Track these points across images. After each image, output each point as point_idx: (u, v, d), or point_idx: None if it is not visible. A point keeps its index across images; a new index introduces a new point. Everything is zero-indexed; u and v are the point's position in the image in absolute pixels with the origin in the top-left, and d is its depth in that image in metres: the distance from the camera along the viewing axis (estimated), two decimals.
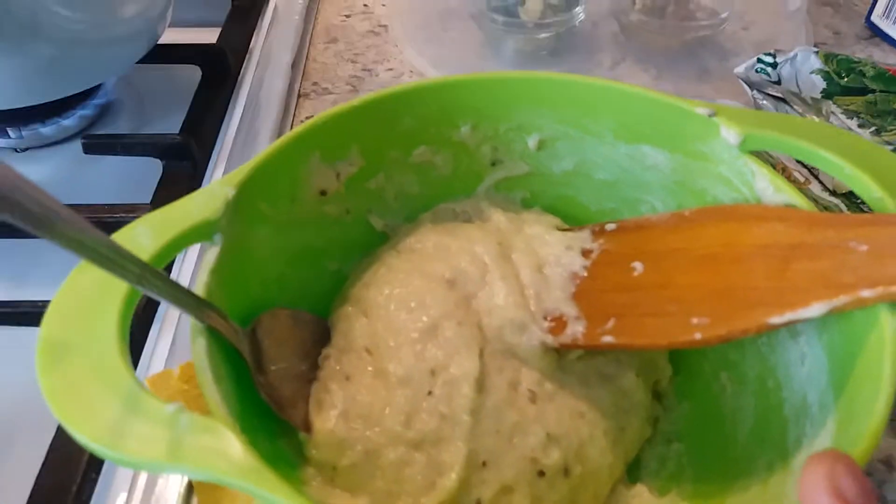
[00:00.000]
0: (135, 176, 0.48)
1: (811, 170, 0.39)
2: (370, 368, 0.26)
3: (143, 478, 0.30)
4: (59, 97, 0.47)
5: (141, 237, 0.24)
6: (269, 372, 0.26)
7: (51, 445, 0.32)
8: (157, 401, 0.19)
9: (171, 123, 0.51)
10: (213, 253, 0.25)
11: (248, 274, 0.27)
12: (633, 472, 0.28)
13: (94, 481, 0.31)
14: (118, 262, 0.19)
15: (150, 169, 0.44)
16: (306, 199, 0.30)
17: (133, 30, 0.47)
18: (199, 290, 0.23)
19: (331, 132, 0.30)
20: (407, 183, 0.33)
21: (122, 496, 0.30)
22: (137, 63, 0.49)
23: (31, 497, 0.30)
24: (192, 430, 0.19)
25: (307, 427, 0.26)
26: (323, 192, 0.30)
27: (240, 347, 0.24)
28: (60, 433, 0.32)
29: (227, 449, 0.18)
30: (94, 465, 0.32)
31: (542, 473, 0.25)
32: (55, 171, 0.50)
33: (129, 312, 0.22)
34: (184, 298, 0.22)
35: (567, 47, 0.53)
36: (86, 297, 0.22)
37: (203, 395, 0.21)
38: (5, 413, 0.37)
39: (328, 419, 0.25)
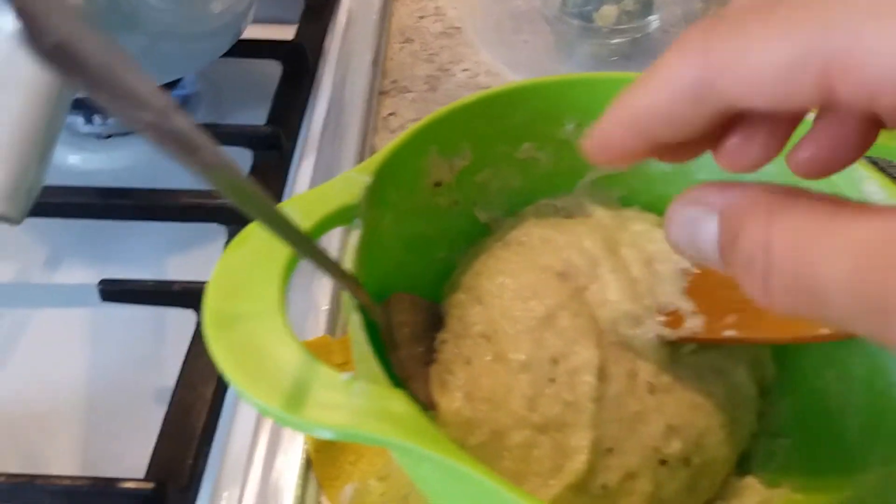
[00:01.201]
0: None
1: None
2: (489, 355, 0.27)
3: (260, 451, 0.31)
4: None
5: (291, 216, 0.25)
6: (398, 350, 0.27)
7: (164, 419, 0.33)
8: (330, 368, 0.21)
9: (249, 116, 0.52)
10: (355, 235, 0.26)
11: (375, 258, 0.28)
12: (741, 465, 0.29)
13: (207, 454, 0.33)
14: (286, 228, 0.20)
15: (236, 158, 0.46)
16: (423, 190, 0.31)
17: (220, 25, 0.49)
18: (349, 267, 0.25)
19: (448, 127, 0.31)
20: (511, 177, 0.34)
21: (239, 470, 0.31)
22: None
23: (148, 470, 0.31)
24: (370, 397, 0.20)
25: (432, 405, 0.27)
26: (437, 184, 0.32)
27: (381, 325, 0.25)
28: (174, 406, 0.33)
29: (406, 417, 0.20)
30: (207, 437, 0.33)
31: (663, 462, 0.26)
32: (137, 158, 0.51)
33: (286, 284, 0.23)
34: (342, 273, 0.23)
35: (639, 52, 0.54)
36: (243, 270, 0.23)
37: (359, 367, 0.23)
38: (104, 388, 0.38)
39: (454, 399, 0.27)
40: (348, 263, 0.25)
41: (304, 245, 0.22)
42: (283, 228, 0.20)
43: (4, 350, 0.40)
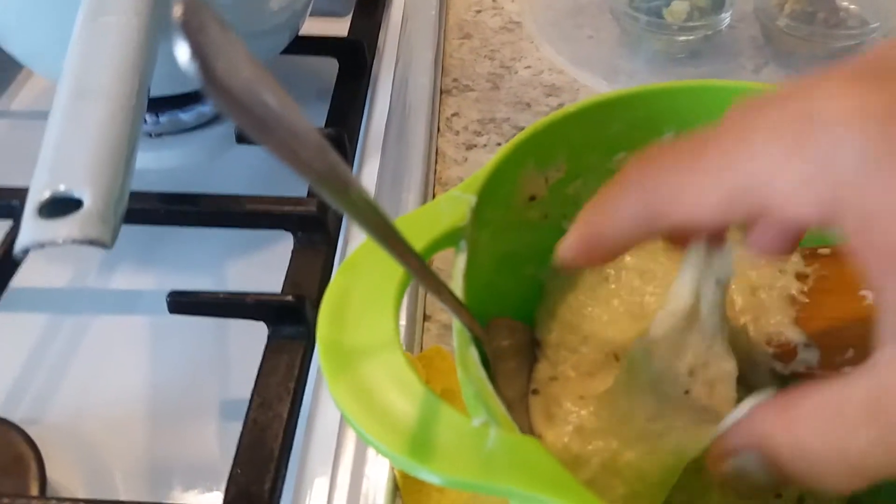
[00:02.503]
0: (276, 173, 0.48)
1: None
2: (603, 391, 0.26)
3: (344, 475, 0.30)
4: None
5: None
6: (499, 380, 0.26)
7: (240, 441, 0.32)
8: (458, 412, 0.19)
9: (306, 113, 0.49)
10: (462, 259, 0.24)
11: (472, 280, 0.27)
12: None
13: (284, 477, 0.32)
14: (403, 251, 0.19)
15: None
16: (517, 205, 0.30)
17: (279, 22, 0.47)
18: (458, 295, 0.23)
19: (545, 139, 0.29)
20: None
21: (322, 494, 0.30)
22: None
23: (225, 498, 0.30)
24: (504, 447, 0.19)
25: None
26: (532, 198, 0.30)
27: (490, 357, 0.24)
28: (249, 426, 0.32)
29: (547, 469, 0.18)
30: (284, 460, 0.32)
31: (779, 496, 0.24)
32: (188, 158, 0.50)
33: (398, 313, 0.22)
34: (457, 303, 0.22)
35: (707, 49, 0.52)
36: (355, 297, 0.22)
37: (478, 404, 0.21)
38: (170, 401, 0.37)
39: (562, 434, 0.25)
40: (457, 290, 0.23)
41: (424, 272, 0.20)
42: (406, 256, 0.19)
43: (64, 358, 0.39)
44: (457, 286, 0.24)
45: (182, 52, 0.12)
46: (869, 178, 0.16)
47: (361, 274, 0.22)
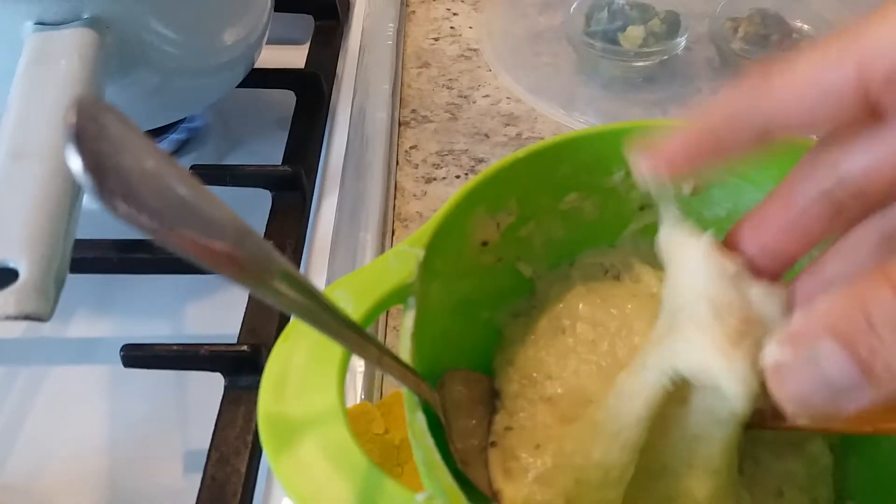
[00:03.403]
0: (232, 207, 0.47)
1: None
2: (561, 436, 0.26)
3: None
4: (161, 125, 0.47)
5: (343, 301, 0.23)
6: (455, 436, 0.25)
7: (198, 498, 0.31)
8: (402, 488, 0.19)
9: (261, 148, 0.50)
10: (410, 317, 0.24)
11: (424, 332, 0.26)
12: None
13: None
14: (339, 328, 0.18)
15: (248, 199, 0.43)
16: (469, 251, 0.30)
17: (233, 57, 0.47)
18: (405, 357, 0.23)
19: (496, 184, 0.29)
20: (554, 229, 0.33)
21: None
22: None
23: None
24: None
25: (494, 495, 0.25)
26: (484, 244, 0.30)
27: (441, 416, 0.24)
28: (208, 482, 0.31)
29: None
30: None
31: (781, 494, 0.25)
32: None
33: (343, 382, 0.21)
34: (403, 370, 0.21)
35: (663, 74, 0.52)
36: (298, 368, 0.22)
37: (428, 473, 0.21)
38: (128, 452, 0.36)
39: (521, 486, 0.25)
40: (404, 351, 0.23)
41: (363, 346, 0.20)
42: (342, 332, 0.19)
43: (19, 410, 0.38)
44: (405, 347, 0.23)
45: (74, 163, 0.12)
46: None
47: (305, 340, 0.22)
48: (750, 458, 0.26)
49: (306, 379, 0.21)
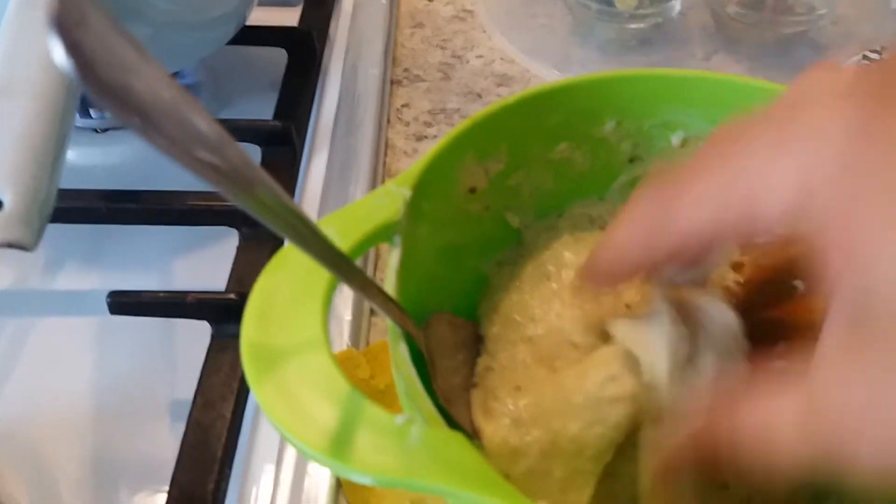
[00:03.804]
0: None
1: None
2: (542, 379, 0.26)
3: (287, 473, 0.30)
4: None
5: (329, 237, 0.23)
6: (439, 375, 0.25)
7: (183, 442, 0.31)
8: (383, 410, 0.19)
9: (253, 105, 0.50)
10: (395, 254, 0.24)
11: (410, 273, 0.26)
12: None
13: (228, 478, 0.31)
14: (324, 250, 0.18)
15: None
16: (457, 197, 0.29)
17: (226, 11, 0.46)
18: (390, 292, 0.23)
19: (485, 130, 0.29)
20: (544, 179, 0.32)
21: (266, 494, 0.30)
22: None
23: (168, 498, 0.30)
24: (426, 442, 0.18)
25: (475, 432, 0.25)
26: (472, 190, 0.30)
27: (425, 353, 0.24)
28: (192, 427, 0.32)
29: (468, 464, 0.18)
30: (228, 460, 0.31)
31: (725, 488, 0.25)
32: (135, 153, 0.49)
33: (327, 313, 0.21)
34: (387, 300, 0.21)
35: (658, 37, 0.52)
36: (282, 298, 0.21)
37: (408, 400, 0.21)
38: (114, 402, 0.36)
39: (500, 427, 0.25)
40: (389, 286, 0.23)
41: (348, 272, 0.20)
42: (327, 255, 0.19)
43: (7, 361, 0.38)
44: (390, 282, 0.23)
45: (57, 50, 0.12)
46: (841, 182, 0.17)
47: (290, 272, 0.22)
48: None
49: (289, 309, 0.21)
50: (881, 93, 0.17)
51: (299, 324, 0.21)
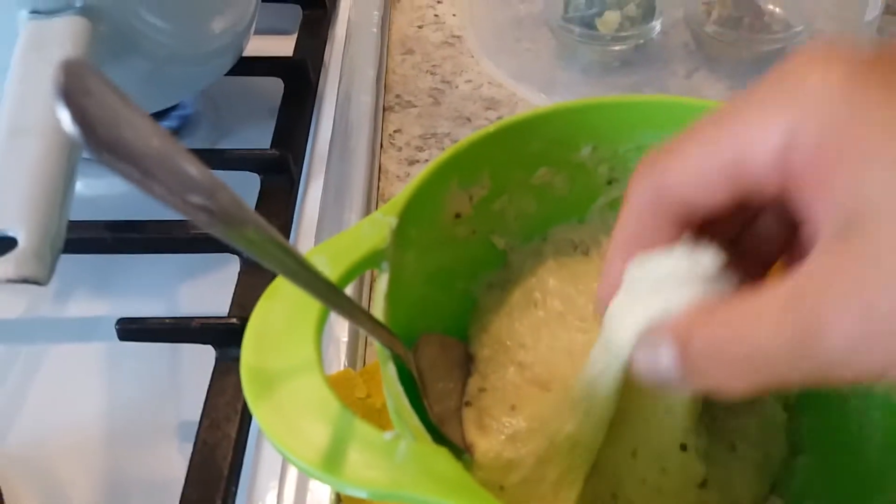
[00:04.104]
0: None
1: None
2: (536, 398, 0.27)
3: (290, 489, 0.31)
4: (151, 111, 0.48)
5: (319, 265, 0.25)
6: (430, 395, 0.27)
7: (191, 461, 0.33)
8: (372, 428, 0.21)
9: (251, 134, 0.52)
10: (384, 280, 0.26)
11: (398, 297, 0.28)
12: None
13: (235, 494, 0.33)
14: (313, 282, 0.20)
15: (237, 182, 0.45)
16: (443, 223, 0.31)
17: (222, 44, 0.48)
18: (379, 316, 0.25)
19: (468, 158, 0.31)
20: (526, 203, 0.34)
21: None
22: None
23: None
24: (413, 457, 0.20)
25: (467, 448, 0.27)
26: (457, 216, 0.32)
27: (413, 372, 0.25)
28: (199, 446, 0.33)
29: (452, 477, 0.20)
30: (234, 478, 0.33)
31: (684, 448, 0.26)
32: None
33: (320, 337, 0.23)
34: (375, 325, 0.23)
35: (640, 57, 0.53)
36: (278, 324, 0.23)
37: (397, 417, 0.23)
38: (125, 426, 0.38)
39: (495, 442, 0.27)
40: (378, 311, 0.25)
41: (336, 300, 0.21)
42: (315, 286, 0.20)
43: (21, 387, 0.40)
44: (378, 307, 0.25)
45: (64, 118, 0.14)
46: (827, 132, 0.18)
47: (284, 299, 0.24)
48: (707, 415, 0.27)
49: (285, 335, 0.23)
50: (871, 63, 0.18)
51: (294, 348, 0.22)
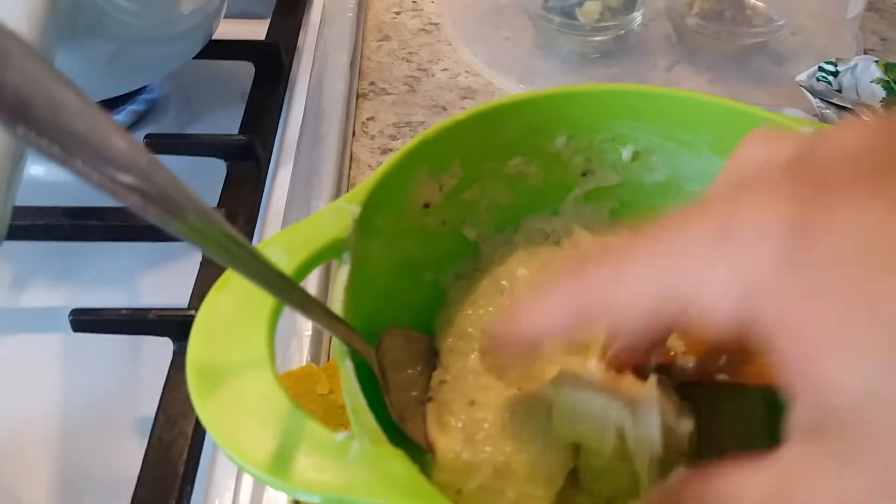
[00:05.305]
0: (187, 177, 0.47)
1: None
2: (495, 392, 0.26)
3: (247, 490, 0.30)
4: (117, 94, 0.47)
5: (275, 256, 0.23)
6: (392, 391, 0.26)
7: (145, 458, 0.31)
8: (323, 428, 0.19)
9: (220, 119, 0.50)
10: (344, 271, 0.24)
11: (363, 289, 0.27)
12: None
13: (190, 494, 0.31)
14: (263, 273, 0.19)
15: (203, 169, 0.43)
16: (411, 212, 0.30)
17: (191, 26, 0.47)
18: (338, 309, 0.23)
19: (438, 146, 0.29)
20: (499, 193, 0.33)
21: None
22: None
23: None
24: (366, 459, 0.19)
25: (429, 447, 0.26)
26: (426, 205, 0.30)
27: (374, 368, 0.24)
28: (154, 443, 0.32)
29: (407, 480, 0.18)
30: (190, 477, 0.31)
31: None
32: None
33: (273, 331, 0.22)
34: (331, 319, 0.22)
35: (621, 49, 0.52)
36: (228, 317, 0.22)
37: (353, 416, 0.21)
38: (78, 419, 0.36)
39: (454, 442, 0.25)
40: (336, 303, 0.24)
41: (289, 293, 0.20)
42: (267, 278, 0.19)
43: None
44: (337, 299, 0.24)
45: None
46: (784, 279, 0.16)
47: (236, 290, 0.22)
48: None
49: (235, 328, 0.21)
50: (818, 177, 0.17)
51: (245, 343, 0.21)
